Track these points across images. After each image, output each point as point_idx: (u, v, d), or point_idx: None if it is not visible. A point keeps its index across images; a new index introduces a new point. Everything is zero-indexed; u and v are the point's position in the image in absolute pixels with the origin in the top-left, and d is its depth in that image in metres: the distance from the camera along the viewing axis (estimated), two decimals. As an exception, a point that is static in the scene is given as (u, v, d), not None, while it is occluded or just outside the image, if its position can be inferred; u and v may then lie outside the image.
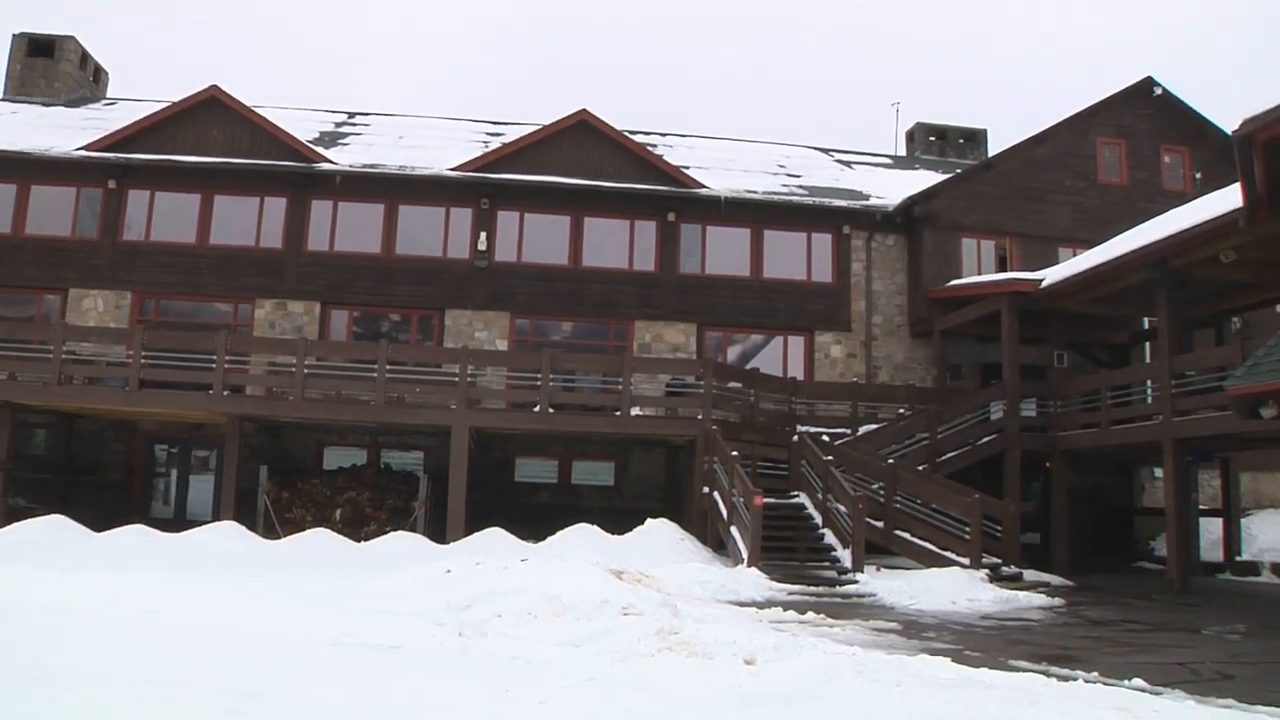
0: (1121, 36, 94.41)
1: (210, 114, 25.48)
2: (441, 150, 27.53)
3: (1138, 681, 8.54)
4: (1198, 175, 27.36)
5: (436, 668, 7.51)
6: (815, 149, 33.88)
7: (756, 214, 26.41)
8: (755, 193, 26.61)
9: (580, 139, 26.19)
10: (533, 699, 6.47)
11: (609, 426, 21.10)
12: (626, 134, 27.32)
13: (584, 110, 26.37)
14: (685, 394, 21.87)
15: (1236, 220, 15.69)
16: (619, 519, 20.13)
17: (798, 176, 29.25)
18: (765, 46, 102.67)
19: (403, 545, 17.97)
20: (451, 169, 25.44)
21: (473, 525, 19.67)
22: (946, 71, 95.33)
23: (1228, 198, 16.77)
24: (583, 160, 25.99)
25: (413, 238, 25.49)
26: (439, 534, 19.65)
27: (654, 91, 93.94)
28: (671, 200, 25.90)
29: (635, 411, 21.07)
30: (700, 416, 20.62)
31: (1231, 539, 24.49)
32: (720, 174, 28.06)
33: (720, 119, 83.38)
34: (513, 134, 29.14)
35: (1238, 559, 24.24)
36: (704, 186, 26.17)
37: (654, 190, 25.68)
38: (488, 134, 30.59)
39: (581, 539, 18.06)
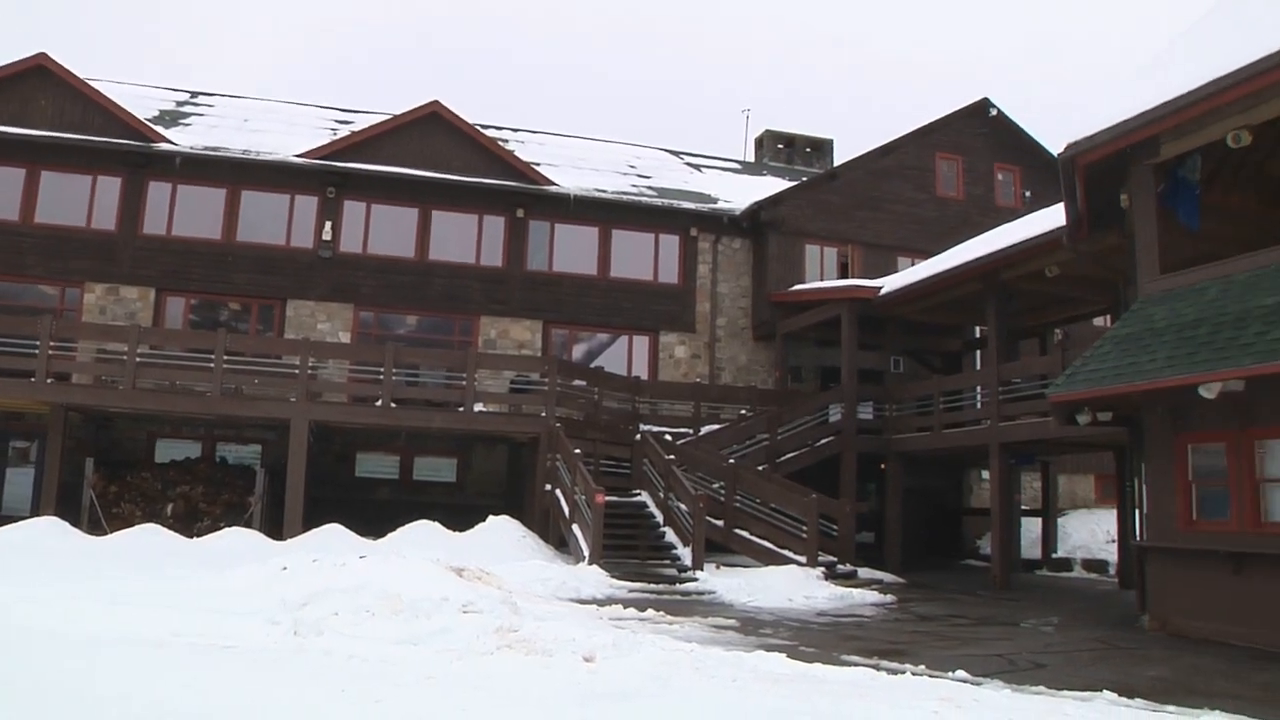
0: (965, 56, 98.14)
1: (38, 83, 24.10)
2: (288, 136, 26.80)
3: (961, 673, 8.97)
4: (1027, 193, 28.76)
5: (269, 668, 7.34)
6: (666, 151, 34.25)
7: (605, 213, 26.57)
8: (605, 192, 26.78)
9: (431, 131, 25.88)
10: (368, 698, 6.38)
11: (452, 422, 20.91)
12: (478, 128, 27.11)
13: (435, 102, 26.06)
14: (530, 391, 21.86)
15: (1060, 238, 16.56)
16: (461, 516, 19.97)
17: (648, 178, 29.55)
18: (620, 46, 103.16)
19: (237, 542, 17.45)
20: (298, 155, 24.79)
21: (311, 521, 19.23)
22: (797, 82, 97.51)
23: (1053, 216, 17.67)
24: (433, 152, 25.69)
25: (255, 225, 24.69)
26: (276, 530, 19.14)
27: (508, 86, 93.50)
28: (521, 196, 25.82)
29: (479, 408, 20.94)
30: (544, 414, 20.62)
31: (1049, 537, 25.83)
32: (571, 172, 28.13)
33: (573, 118, 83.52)
34: (362, 123, 28.57)
35: (1054, 556, 25.60)
36: (554, 184, 26.19)
37: (503, 185, 25.56)
38: (337, 121, 29.92)
39: (422, 536, 17.86)
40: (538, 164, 27.52)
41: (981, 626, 13.75)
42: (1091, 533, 27.22)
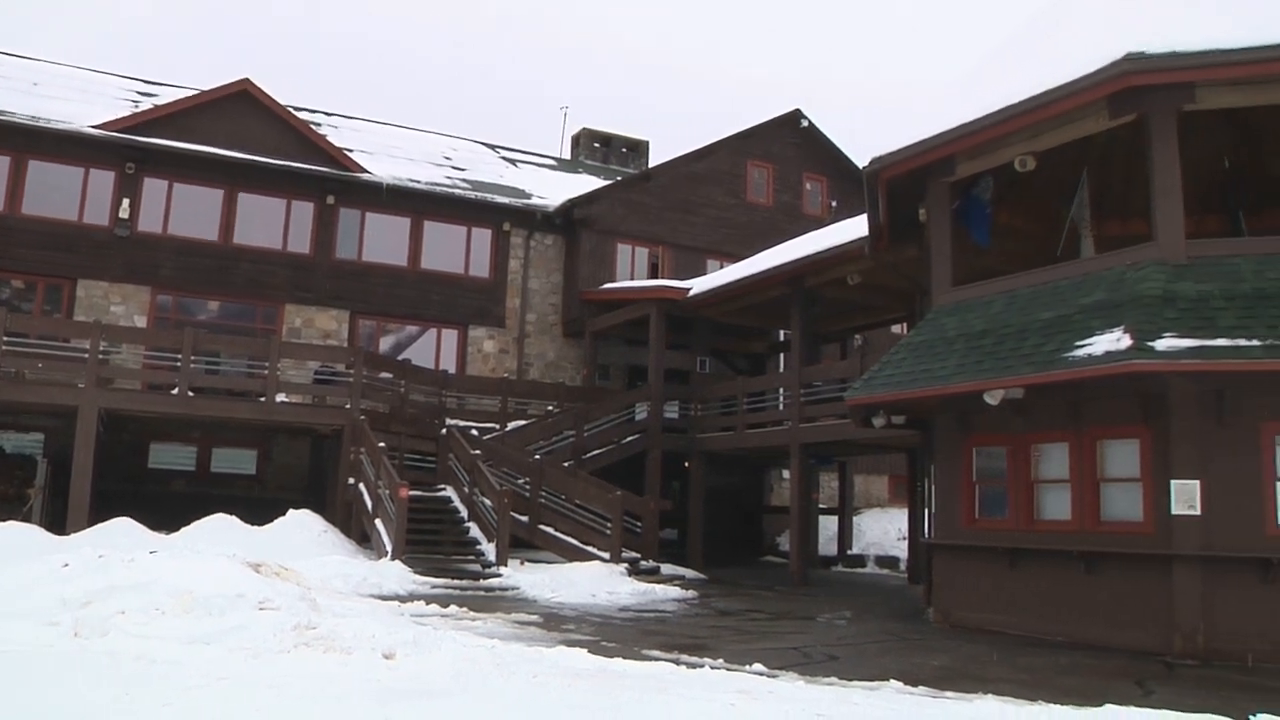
0: (787, 65, 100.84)
1: None
2: (84, 104, 25.25)
3: (758, 666, 9.25)
4: (833, 203, 29.84)
5: (46, 672, 6.91)
6: (483, 144, 33.99)
7: (419, 204, 26.19)
8: (419, 182, 26.38)
9: (240, 110, 24.91)
10: (156, 701, 6.09)
11: (253, 413, 20.21)
12: (290, 109, 26.28)
13: (246, 80, 25.11)
14: (334, 382, 21.35)
15: (862, 247, 17.27)
16: (261, 510, 19.33)
17: (463, 170, 29.27)
18: (440, 36, 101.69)
19: (14, 537, 16.35)
20: (94, 126, 23.40)
21: (99, 515, 18.21)
22: (618, 82, 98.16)
23: (857, 226, 18.39)
24: (241, 132, 24.73)
25: (44, 198, 23.09)
26: (59, 525, 18.06)
27: (325, 69, 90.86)
28: (332, 182, 25.17)
29: (281, 398, 20.33)
30: (349, 406, 20.17)
31: (845, 535, 26.84)
32: (385, 160, 27.60)
33: (390, 106, 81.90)
34: (167, 96, 27.30)
35: (849, 553, 26.61)
36: (367, 172, 25.65)
37: (314, 171, 24.86)
38: (139, 93, 28.42)
39: (219, 530, 17.18)
40: (351, 150, 26.90)
41: (779, 621, 14.18)
42: (885, 531, 28.42)
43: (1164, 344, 10.66)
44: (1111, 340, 10.99)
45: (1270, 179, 15.94)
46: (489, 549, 17.89)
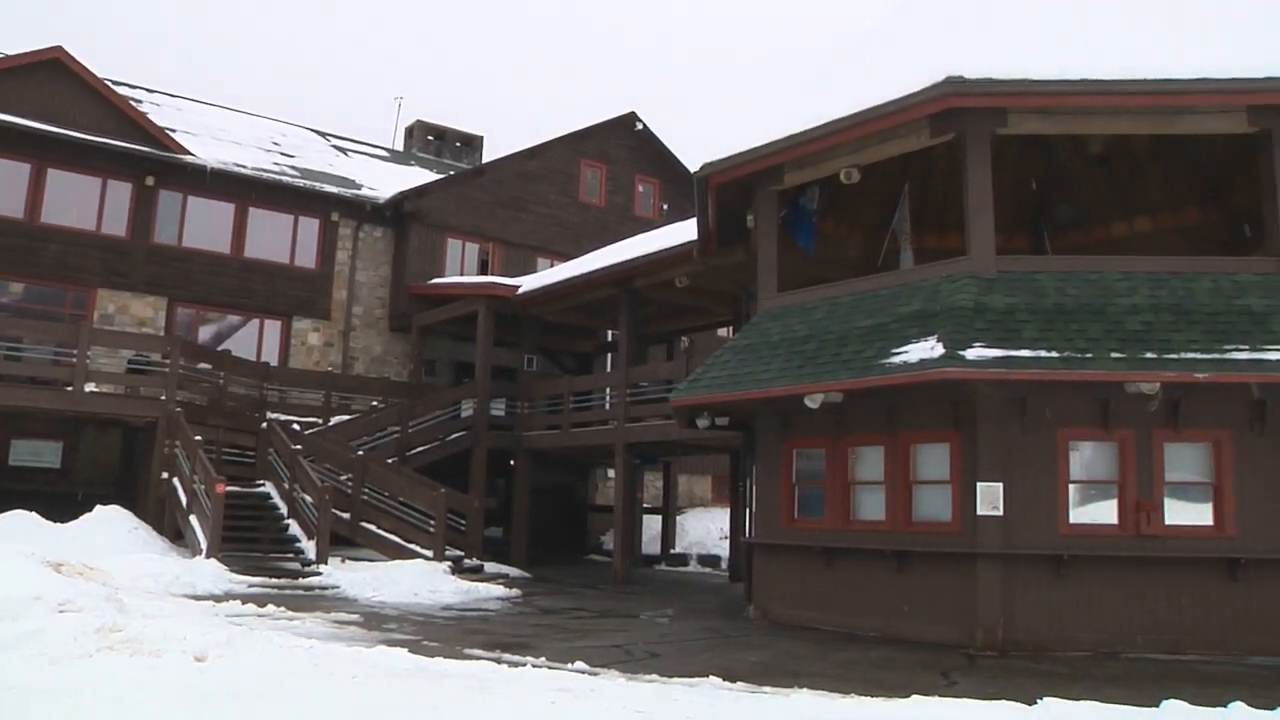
0: (632, 65, 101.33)
1: None
2: None
3: (580, 664, 9.30)
4: (665, 206, 30.23)
5: None
6: (313, 131, 33.09)
7: (244, 189, 25.29)
8: (245, 167, 25.49)
9: (52, 80, 23.46)
10: (-63, 716, 5.74)
11: (59, 403, 19.15)
12: (109, 83, 24.99)
13: (59, 48, 23.66)
14: (149, 372, 20.43)
15: (691, 251, 17.54)
16: (66, 506, 18.34)
17: (292, 157, 28.43)
18: (271, 18, 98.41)
19: None
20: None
21: (-124, 511, 16.95)
22: (455, 74, 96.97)
23: (687, 229, 18.67)
24: (53, 103, 23.29)
25: None
26: None
27: (152, 48, 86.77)
28: (151, 163, 24.02)
29: (91, 388, 19.35)
30: (164, 397, 19.35)
31: (669, 534, 27.20)
32: (210, 143, 26.55)
33: (218, 87, 78.75)
34: (-36, 62, 25.61)
35: (673, 551, 26.97)
36: (190, 153, 24.62)
37: (133, 150, 23.67)
38: (-70, 59, 26.58)
39: (17, 528, 16.17)
40: (174, 130, 25.78)
41: (602, 619, 14.29)
42: (707, 530, 28.92)
43: (973, 353, 11.20)
44: (926, 348, 11.49)
45: (1072, 202, 16.96)
46: (309, 547, 17.45)
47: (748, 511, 15.88)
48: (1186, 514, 11.86)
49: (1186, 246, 15.18)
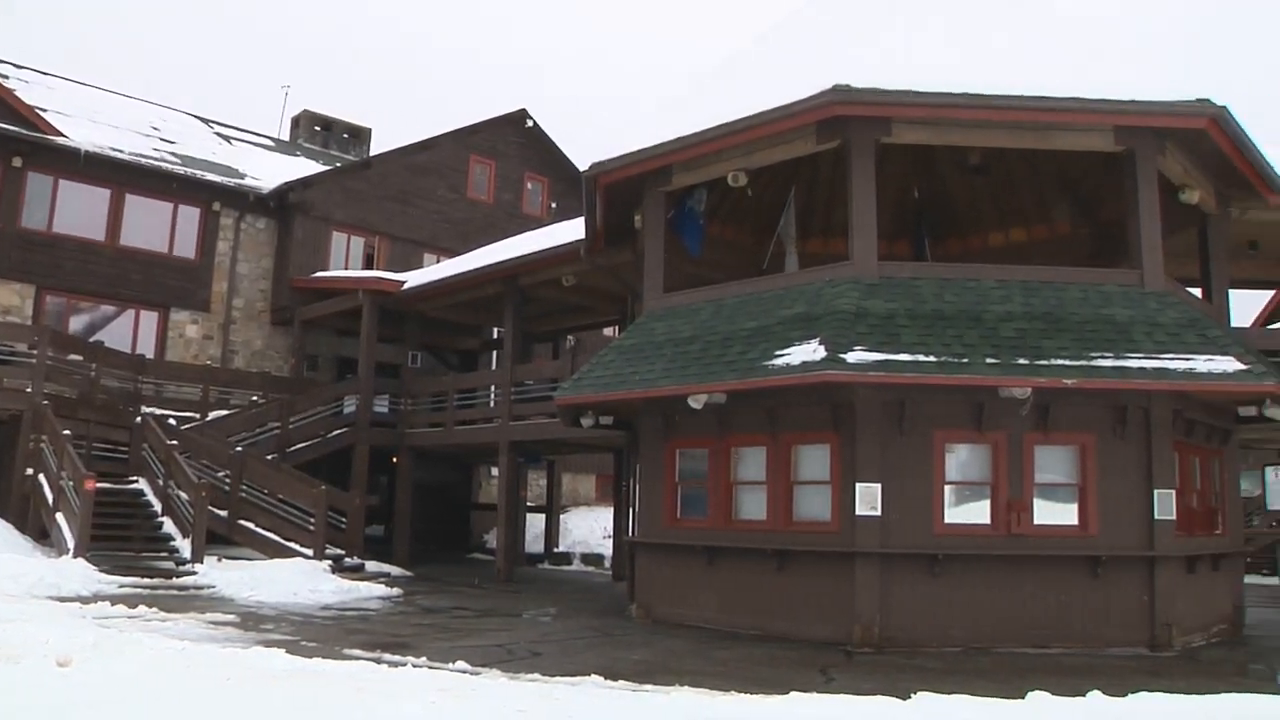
0: (525, 62, 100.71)
1: None
2: None
3: (461, 664, 9.24)
4: (553, 204, 30.18)
5: None
6: (196, 117, 32.13)
7: (121, 175, 24.39)
8: (122, 151, 24.63)
9: (-94, 58, 22.42)
10: None
11: (-86, 395, 18.29)
12: (-30, 59, 23.93)
13: (-86, 24, 22.60)
14: (13, 363, 19.60)
15: (579, 250, 17.56)
16: (-82, 502, 17.54)
17: (172, 143, 27.57)
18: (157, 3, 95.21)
19: None
20: None
21: None
22: (344, 65, 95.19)
23: (574, 228, 18.67)
24: (-93, 81, 22.21)
25: None
26: None
27: (44, 24, 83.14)
28: (20, 143, 22.95)
29: (-52, 380, 18.52)
30: (30, 389, 18.59)
31: (552, 533, 27.17)
32: (85, 125, 25.56)
33: (101, 71, 75.84)
34: None
35: (556, 550, 26.95)
36: (63, 135, 23.66)
37: (-1, 130, 22.69)
38: None
39: None
40: (45, 110, 24.73)
41: (484, 618, 14.21)
42: (591, 529, 28.97)
43: (854, 356, 11.44)
44: (808, 351, 11.70)
45: (952, 212, 17.46)
46: (184, 545, 16.98)
47: (631, 511, 15.95)
48: (1054, 514, 12.30)
49: (1058, 257, 15.76)
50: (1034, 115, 12.58)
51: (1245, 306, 26.51)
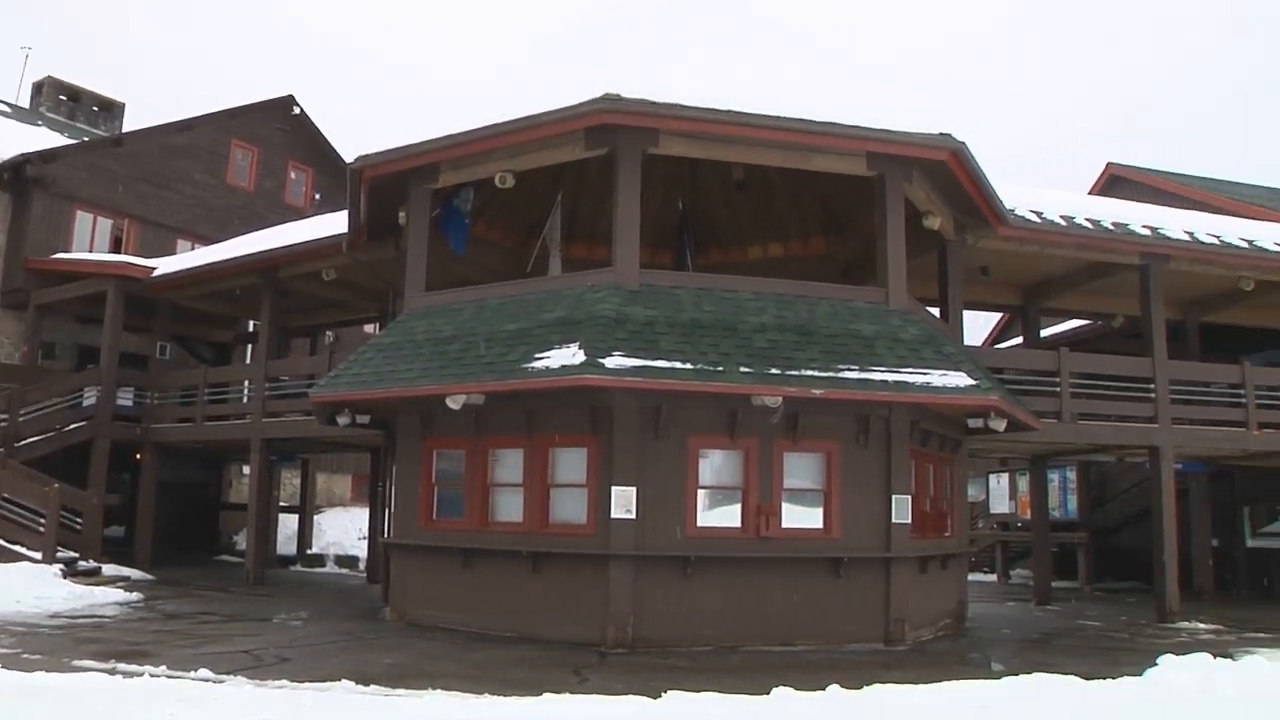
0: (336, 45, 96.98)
1: None
2: None
3: (204, 671, 8.89)
4: (317, 195, 29.35)
5: None
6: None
7: None
8: None
9: None
10: None
11: None
12: None
13: None
14: None
15: (341, 244, 17.17)
16: None
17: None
18: None
19: None
20: None
21: None
22: (94, 32, 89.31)
23: (338, 221, 18.22)
24: None
25: None
26: None
27: None
28: None
29: None
30: None
31: (305, 534, 26.40)
32: None
33: None
34: None
35: (309, 552, 26.21)
36: None
37: None
38: None
39: None
40: None
41: (231, 623, 13.69)
42: (346, 530, 28.35)
43: (613, 361, 11.65)
44: (568, 355, 11.83)
45: (714, 225, 18.05)
46: (-114, 548, 15.60)
47: (387, 512, 15.71)
48: (801, 518, 12.92)
49: (812, 273, 16.51)
50: (794, 136, 13.17)
51: (977, 327, 28.68)
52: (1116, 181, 27.55)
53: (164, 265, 22.38)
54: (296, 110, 29.31)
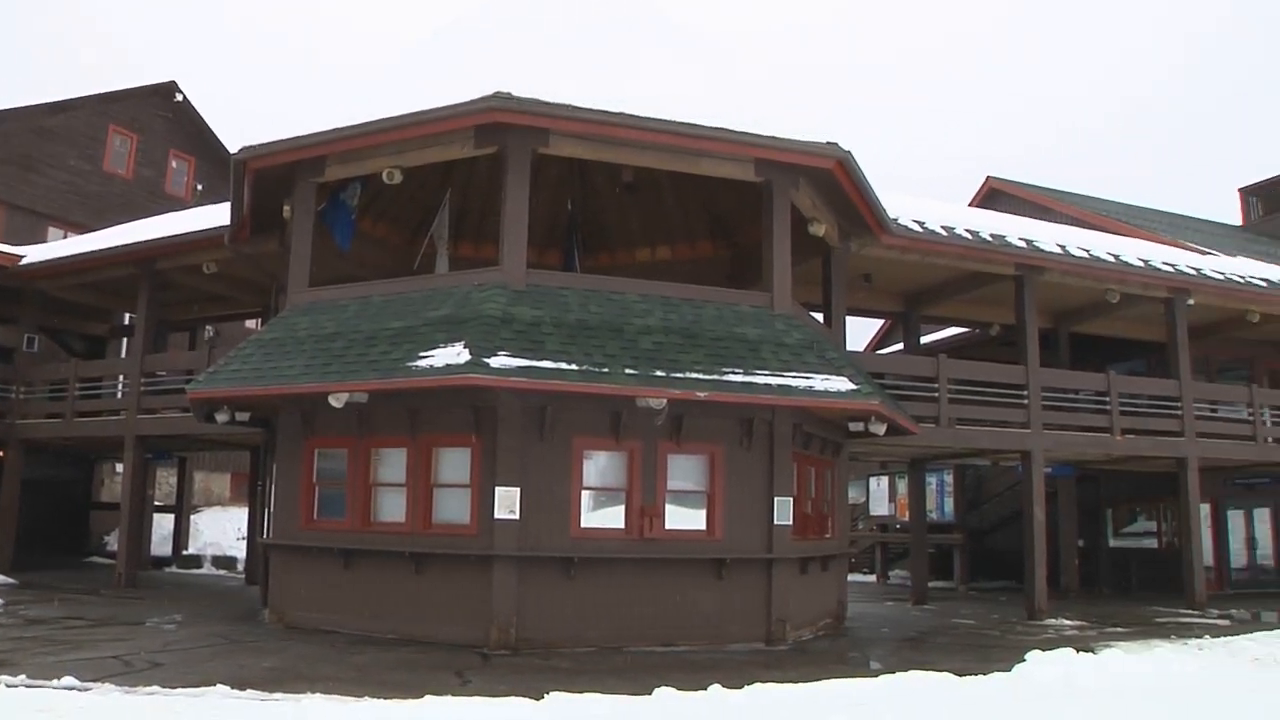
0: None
1: None
2: None
3: (69, 679, 8.57)
4: (200, 186, 28.60)
5: None
6: None
7: None
8: None
9: None
10: None
11: None
12: None
13: None
14: None
15: (223, 236, 16.76)
16: None
17: None
18: None
19: None
20: None
21: None
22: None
23: (220, 213, 17.79)
24: None
25: None
26: None
27: None
28: None
29: None
30: None
31: (181, 534, 25.72)
32: None
33: None
34: None
35: (185, 553, 25.55)
36: None
37: None
38: None
39: None
40: None
41: (100, 628, 13.23)
42: (224, 530, 27.72)
43: (498, 361, 11.60)
44: (452, 354, 11.74)
45: (604, 226, 18.10)
46: None
47: (267, 511, 15.40)
48: (684, 519, 13.03)
49: (699, 276, 16.62)
50: (683, 140, 13.28)
51: (860, 332, 29.33)
52: (995, 195, 28.50)
53: (34, 253, 21.56)
54: (180, 97, 28.54)
